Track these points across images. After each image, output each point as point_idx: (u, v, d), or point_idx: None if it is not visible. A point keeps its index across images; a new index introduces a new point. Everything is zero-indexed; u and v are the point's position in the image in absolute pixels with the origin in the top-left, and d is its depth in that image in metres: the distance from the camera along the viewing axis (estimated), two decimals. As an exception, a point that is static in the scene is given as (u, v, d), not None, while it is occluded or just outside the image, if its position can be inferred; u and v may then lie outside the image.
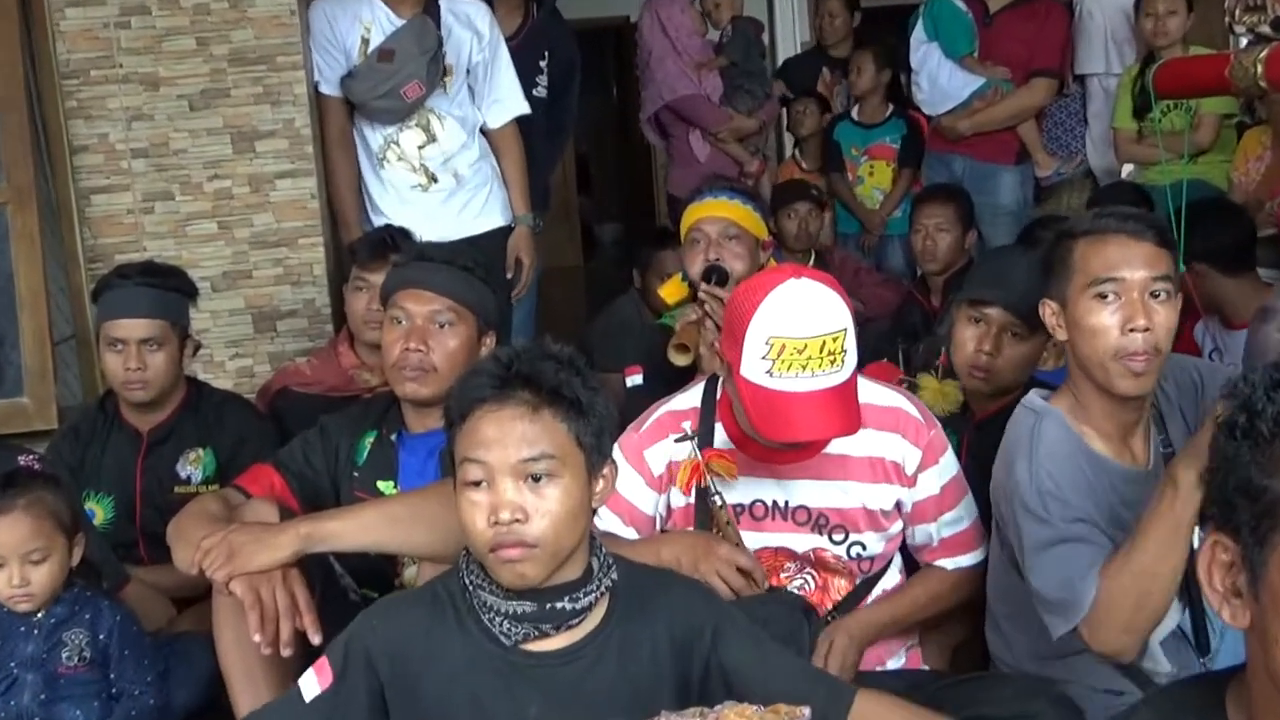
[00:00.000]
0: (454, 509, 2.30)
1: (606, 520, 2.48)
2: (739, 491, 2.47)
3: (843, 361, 2.26)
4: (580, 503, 1.88)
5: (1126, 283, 2.18)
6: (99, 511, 3.32)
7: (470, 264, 2.79)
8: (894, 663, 2.57)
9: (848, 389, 2.28)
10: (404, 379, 2.71)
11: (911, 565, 2.63)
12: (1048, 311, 2.30)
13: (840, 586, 2.52)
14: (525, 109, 4.20)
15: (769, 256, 3.50)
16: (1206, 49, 4.82)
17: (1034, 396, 2.34)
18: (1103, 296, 2.20)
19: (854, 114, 5.86)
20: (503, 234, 4.17)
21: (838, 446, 2.43)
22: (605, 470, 1.93)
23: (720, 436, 2.49)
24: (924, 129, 5.72)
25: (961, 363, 2.91)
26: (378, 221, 4.02)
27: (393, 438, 2.79)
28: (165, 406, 3.35)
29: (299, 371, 3.67)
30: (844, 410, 2.26)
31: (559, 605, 1.89)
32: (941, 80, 5.22)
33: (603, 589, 1.93)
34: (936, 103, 5.29)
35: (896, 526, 2.51)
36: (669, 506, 2.53)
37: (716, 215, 3.35)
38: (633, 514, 2.52)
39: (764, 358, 2.27)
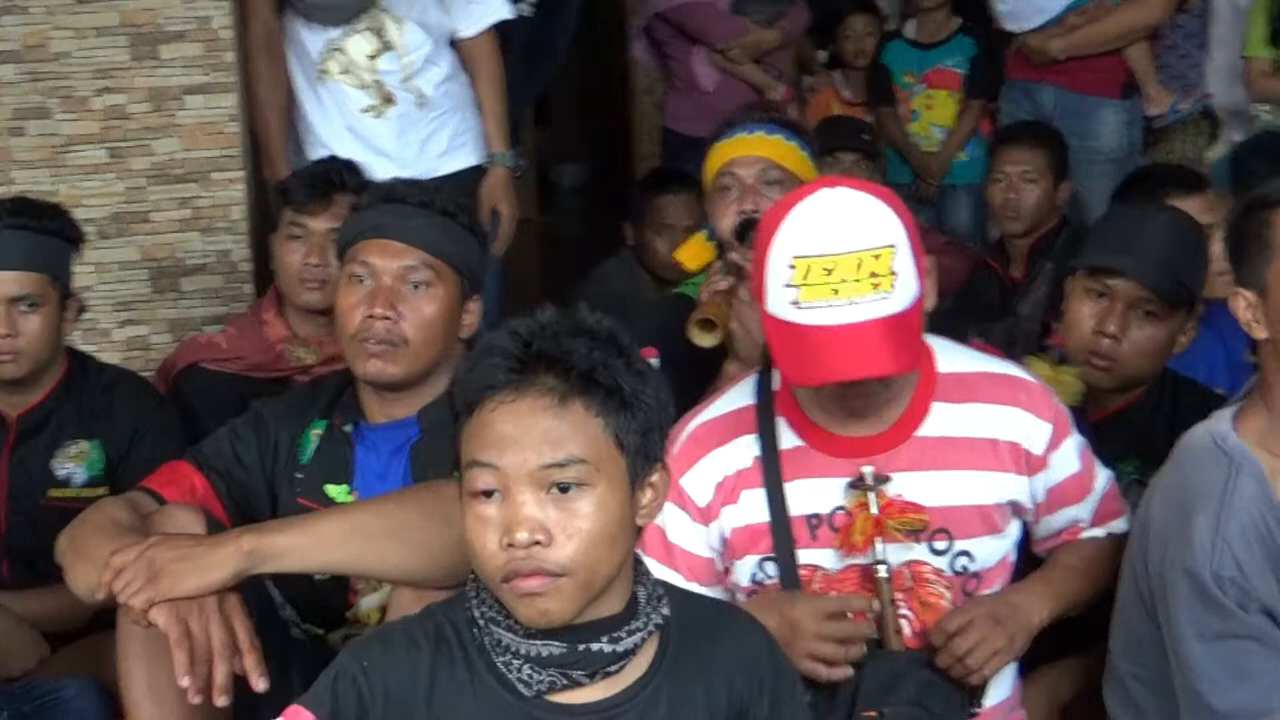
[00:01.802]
0: (438, 520, 2.33)
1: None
2: (814, 498, 2.47)
3: (891, 286, 2.27)
4: (620, 520, 1.85)
5: None
6: (-53, 521, 3.28)
7: (452, 207, 2.77)
8: (995, 732, 2.57)
9: (902, 322, 2.29)
10: (365, 354, 2.69)
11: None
12: (1241, 304, 2.33)
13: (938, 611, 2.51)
14: (507, 12, 4.19)
15: None
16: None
17: (1227, 428, 2.35)
18: None
19: (909, 30, 5.87)
20: (474, 176, 4.16)
21: (937, 427, 2.45)
22: (654, 478, 1.91)
23: (787, 436, 2.49)
24: (1000, 50, 5.73)
25: (1078, 347, 2.93)
26: (313, 154, 4.00)
27: (347, 429, 2.77)
28: (39, 386, 3.31)
29: (212, 344, 3.64)
30: (892, 345, 2.28)
31: (595, 648, 1.87)
32: (1031, -12, 5.22)
33: (651, 627, 1.91)
34: (1023, 16, 5.28)
35: (1013, 530, 2.53)
36: (722, 537, 2.53)
37: (753, 154, 3.34)
38: (689, 563, 2.51)
39: (788, 285, 2.30)
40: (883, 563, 2.45)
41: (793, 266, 2.30)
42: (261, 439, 2.78)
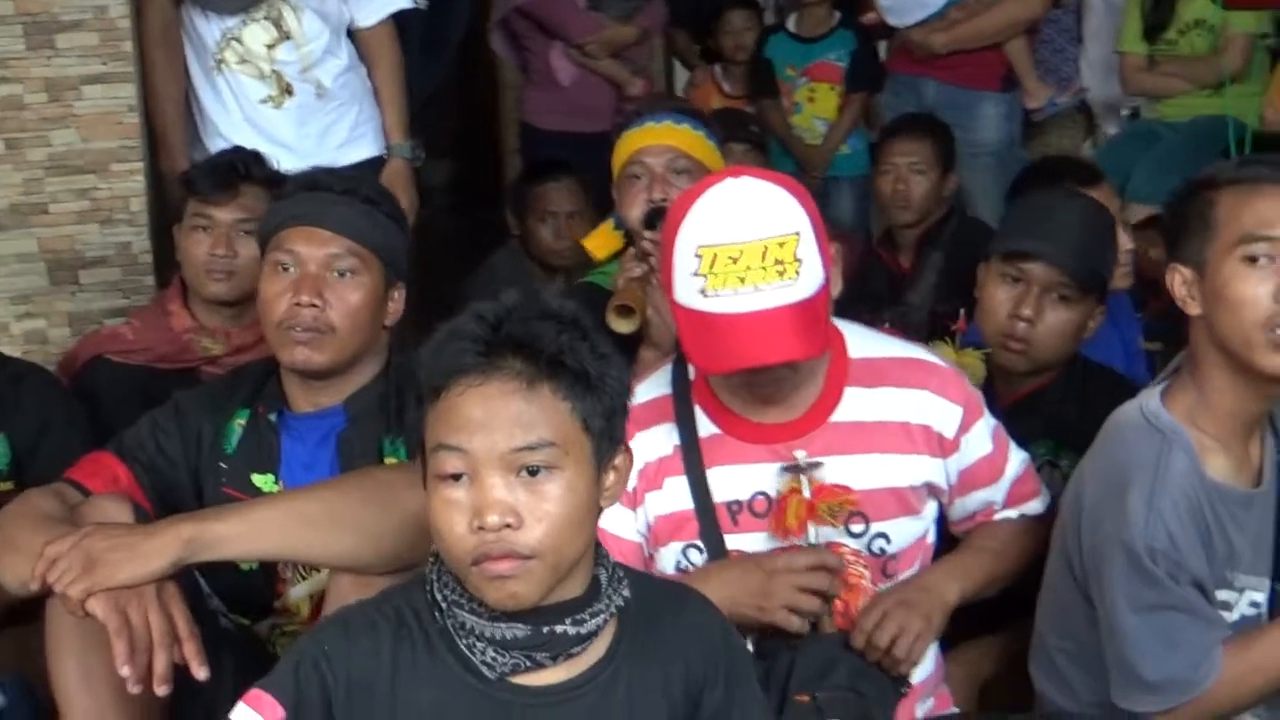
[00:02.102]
0: (378, 505, 2.34)
1: None
2: (733, 484, 2.51)
3: (796, 273, 2.31)
4: (587, 503, 1.87)
5: None
6: None
7: (376, 195, 2.79)
8: (921, 709, 2.61)
9: (808, 308, 2.33)
10: (292, 341, 2.69)
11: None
12: (1177, 279, 2.39)
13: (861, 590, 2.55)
14: (405, 2, 4.17)
15: None
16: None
17: (1157, 405, 2.41)
18: (1252, 259, 2.30)
19: (791, 23, 5.93)
20: (373, 167, 4.12)
21: (851, 412, 2.49)
22: (617, 460, 1.93)
23: (703, 423, 2.53)
24: (877, 44, 5.82)
25: (993, 330, 2.99)
26: (211, 145, 3.97)
27: (272, 418, 2.77)
28: (-59, 380, 3.27)
29: (117, 336, 3.60)
30: (799, 331, 2.32)
31: (559, 629, 1.88)
32: (912, -17, 5.30)
33: (613, 609, 1.93)
34: (906, 10, 5.37)
35: (929, 512, 2.58)
36: (647, 523, 2.56)
37: (662, 143, 3.37)
38: (620, 548, 2.51)
39: (695, 274, 2.33)
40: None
41: (699, 256, 2.34)
42: (184, 430, 2.77)
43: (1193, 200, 2.39)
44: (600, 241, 3.65)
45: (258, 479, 2.75)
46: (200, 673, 2.27)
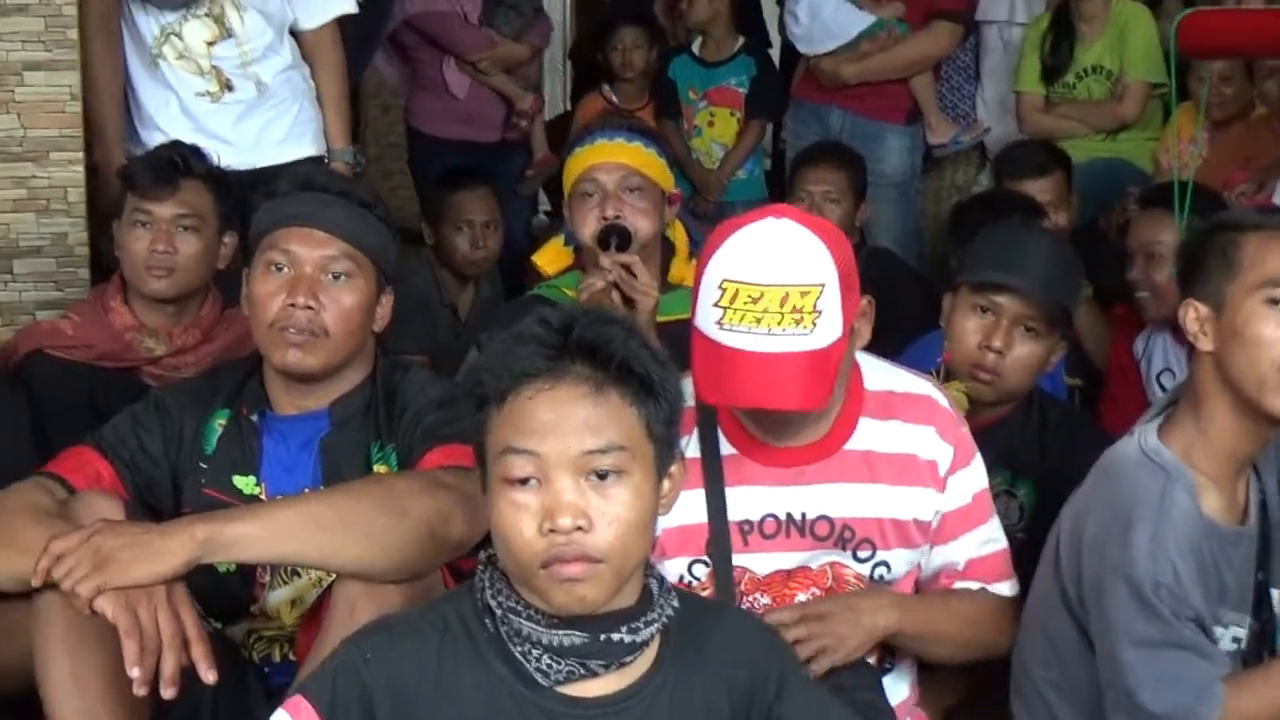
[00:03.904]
0: (393, 514, 2.34)
1: None
2: (745, 504, 2.54)
3: (812, 324, 2.34)
4: (650, 508, 1.90)
5: None
6: None
7: (370, 198, 2.77)
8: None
9: (819, 360, 2.36)
10: (285, 343, 2.66)
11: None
12: (1190, 314, 2.46)
13: None
14: (351, 6, 4.15)
15: (674, 213, 3.58)
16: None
17: (1156, 442, 2.48)
18: (1275, 302, 2.39)
19: (694, 47, 5.96)
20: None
21: (864, 441, 2.53)
22: (674, 468, 1.96)
23: (721, 442, 2.55)
24: (778, 71, 5.88)
25: (962, 360, 3.05)
26: (149, 139, 3.93)
27: (254, 419, 2.75)
28: (-121, 370, 3.20)
29: (56, 331, 3.54)
30: (804, 382, 2.35)
31: (615, 638, 1.90)
32: (825, 13, 5.35)
33: (664, 619, 1.96)
34: (817, 40, 5.43)
35: (924, 550, 2.62)
36: (655, 535, 2.56)
37: (614, 161, 3.39)
38: None
39: (715, 304, 2.36)
40: None
41: (722, 288, 2.36)
42: (166, 427, 2.74)
43: (1215, 239, 2.47)
44: (550, 256, 3.67)
45: (239, 480, 2.72)
46: (209, 676, 2.24)
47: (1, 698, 2.84)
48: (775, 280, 2.34)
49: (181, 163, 3.50)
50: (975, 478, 2.63)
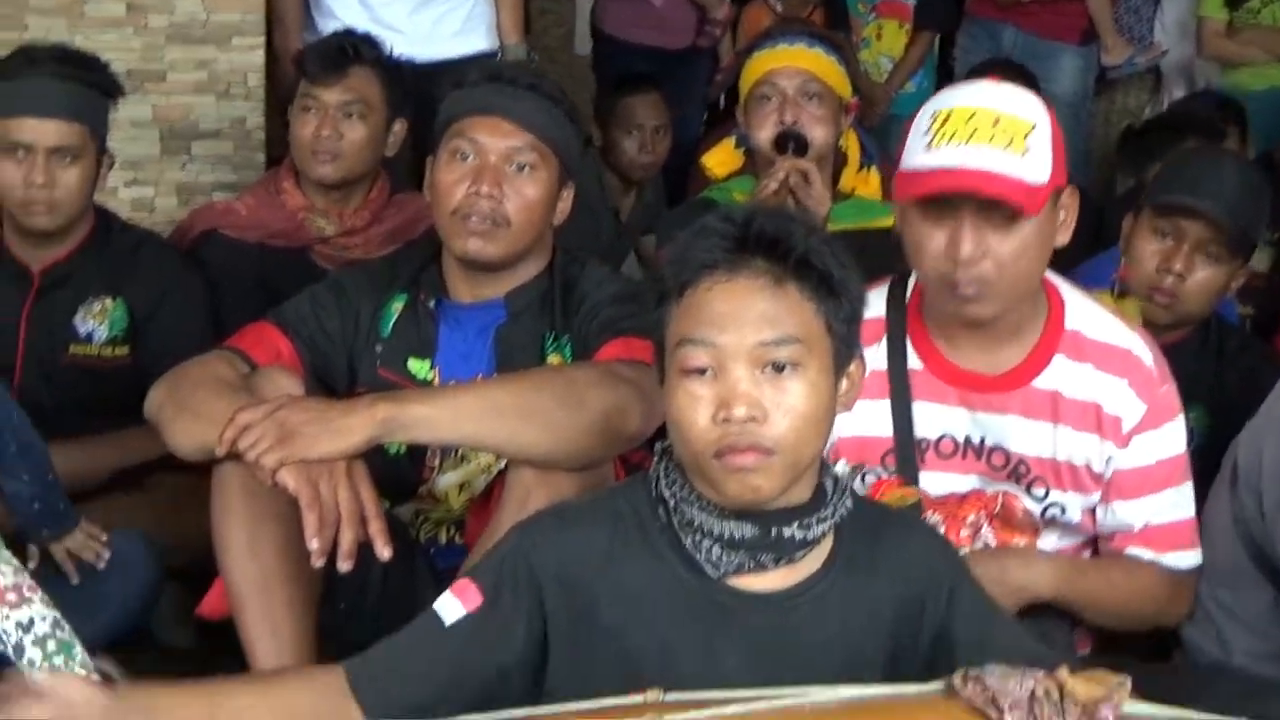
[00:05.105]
0: (571, 405, 2.36)
1: None
2: (925, 422, 2.51)
3: (1023, 150, 2.29)
4: (826, 404, 1.90)
5: None
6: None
7: (558, 93, 2.77)
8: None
9: (1028, 195, 2.29)
10: (467, 231, 2.67)
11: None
12: None
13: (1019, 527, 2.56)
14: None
15: (850, 123, 3.55)
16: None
17: None
18: None
19: (866, -44, 5.90)
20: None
21: (1054, 380, 2.48)
22: (852, 367, 1.95)
23: (911, 357, 2.52)
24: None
25: (1141, 282, 3.01)
26: (324, 27, 3.96)
27: (430, 305, 2.76)
28: (66, 240, 3.28)
29: (231, 211, 3.61)
30: (1015, 191, 2.28)
31: (786, 532, 1.90)
32: (1002, -75, 5.30)
33: (838, 518, 1.95)
34: (992, -45, 5.36)
35: (1097, 497, 2.56)
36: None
37: (794, 66, 3.37)
38: None
39: (925, 133, 2.33)
40: None
41: (933, 116, 2.34)
42: (344, 308, 2.77)
43: None
44: (720, 158, 3.67)
45: (414, 364, 2.75)
46: (384, 552, 2.29)
47: (173, 568, 2.95)
48: (989, 104, 2.32)
49: (352, 50, 3.53)
50: (1168, 442, 2.54)
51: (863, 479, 2.54)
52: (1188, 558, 2.58)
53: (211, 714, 1.84)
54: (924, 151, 2.33)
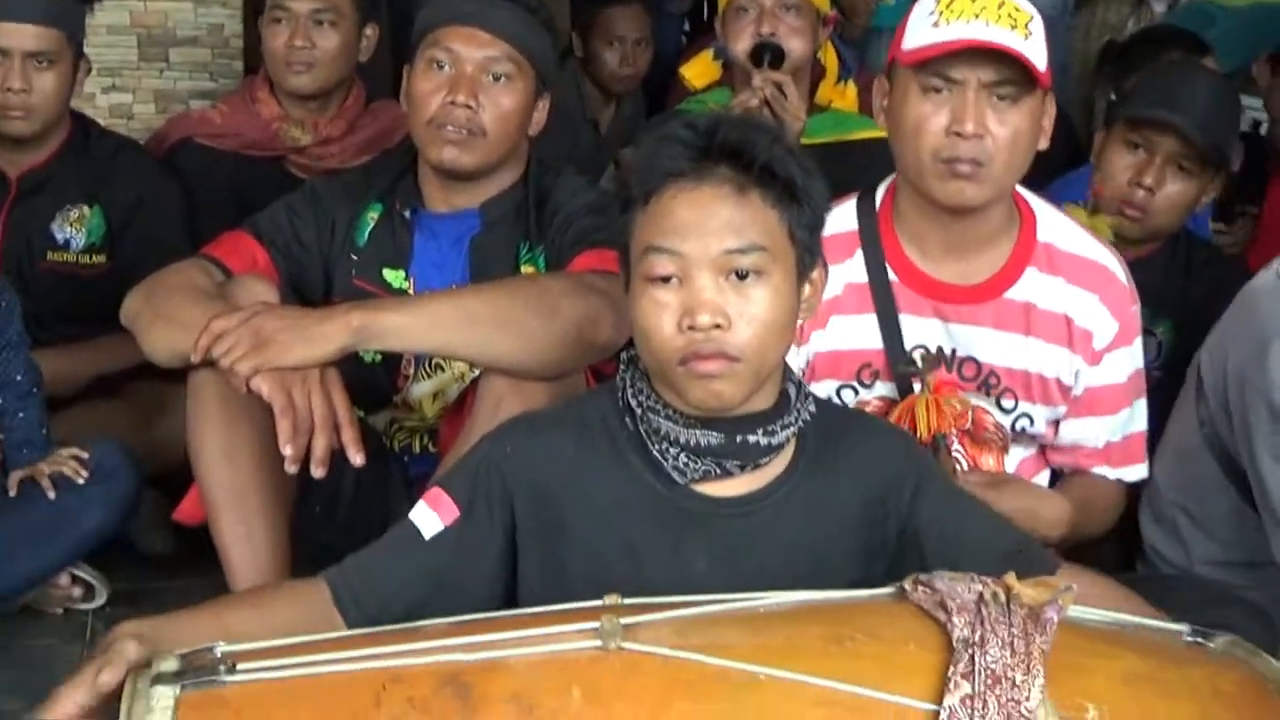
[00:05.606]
0: (544, 313, 2.38)
1: None
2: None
3: (1026, 34, 2.33)
4: (789, 310, 1.92)
5: None
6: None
7: (534, 2, 2.77)
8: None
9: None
10: (443, 140, 2.67)
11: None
12: None
13: (989, 466, 2.58)
14: None
15: (828, 35, 3.55)
16: None
17: None
18: None
19: None
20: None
21: (1025, 292, 2.50)
22: (814, 274, 1.97)
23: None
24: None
25: (1112, 195, 3.03)
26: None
27: (406, 214, 2.77)
28: (43, 146, 3.29)
29: (206, 119, 3.60)
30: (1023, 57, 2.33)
31: (751, 439, 1.93)
32: None
33: (800, 423, 1.98)
34: None
35: (1063, 410, 2.59)
36: (808, 359, 2.55)
37: None
38: None
39: (930, 13, 2.36)
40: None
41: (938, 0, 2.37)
42: (319, 217, 2.77)
43: None
44: (699, 70, 3.68)
45: (389, 273, 2.76)
46: (357, 459, 2.32)
47: (150, 475, 2.97)
48: None
49: None
50: (1134, 356, 2.59)
51: (838, 394, 2.57)
52: (1139, 470, 2.66)
53: (225, 630, 1.85)
54: (930, 29, 2.34)
